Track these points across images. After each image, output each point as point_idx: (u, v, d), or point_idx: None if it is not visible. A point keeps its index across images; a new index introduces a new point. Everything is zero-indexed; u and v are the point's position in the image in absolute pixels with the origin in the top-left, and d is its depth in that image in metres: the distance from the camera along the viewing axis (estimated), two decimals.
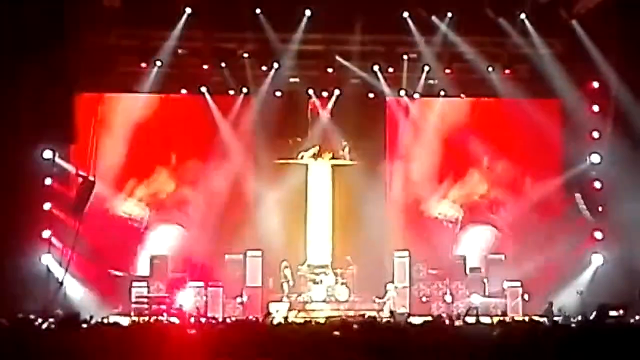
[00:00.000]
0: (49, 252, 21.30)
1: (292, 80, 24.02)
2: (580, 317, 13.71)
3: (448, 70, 23.59)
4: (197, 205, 23.69)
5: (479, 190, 24.36)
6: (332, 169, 24.26)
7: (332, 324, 13.63)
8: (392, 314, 16.77)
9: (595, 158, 23.06)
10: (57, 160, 21.79)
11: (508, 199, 24.20)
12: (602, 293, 19.60)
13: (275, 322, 15.54)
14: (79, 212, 21.31)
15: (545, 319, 17.49)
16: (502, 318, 15.92)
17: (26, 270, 20.71)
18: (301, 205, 24.12)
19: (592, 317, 11.29)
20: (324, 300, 22.49)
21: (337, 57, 23.24)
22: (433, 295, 22.87)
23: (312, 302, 22.42)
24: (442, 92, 24.12)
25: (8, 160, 20.70)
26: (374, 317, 17.12)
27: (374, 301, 22.41)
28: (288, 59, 23.01)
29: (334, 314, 19.17)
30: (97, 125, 22.82)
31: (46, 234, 21.38)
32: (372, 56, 23.43)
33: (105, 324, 14.90)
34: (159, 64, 22.75)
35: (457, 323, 13.94)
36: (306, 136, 24.09)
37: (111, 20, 22.07)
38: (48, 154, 21.58)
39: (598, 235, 22.83)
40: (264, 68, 23.33)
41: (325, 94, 24.16)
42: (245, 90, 23.89)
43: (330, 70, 23.43)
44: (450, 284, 22.91)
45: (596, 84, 22.98)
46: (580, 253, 22.96)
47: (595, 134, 23.14)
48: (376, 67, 23.49)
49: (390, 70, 23.59)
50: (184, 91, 23.74)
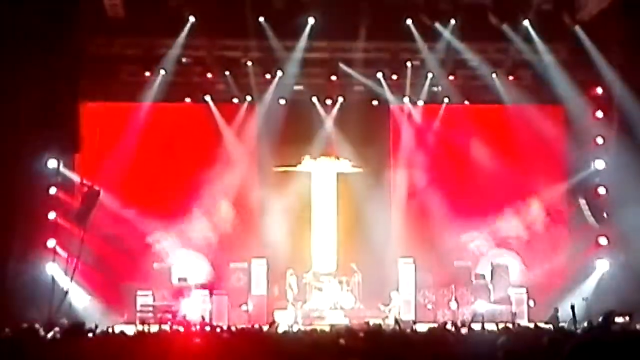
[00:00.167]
0: (54, 261, 21.30)
1: (296, 88, 24.06)
2: (586, 324, 13.66)
3: (452, 77, 23.60)
4: (201, 213, 23.66)
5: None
6: (337, 177, 24.29)
7: (338, 331, 13.62)
8: (397, 322, 16.67)
9: (600, 164, 23.04)
10: (62, 169, 21.80)
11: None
12: (608, 299, 19.53)
13: (280, 330, 15.51)
14: (84, 221, 21.33)
15: (551, 325, 17.49)
16: (507, 325, 15.83)
17: (31, 280, 20.70)
18: (306, 212, 24.15)
19: (599, 323, 11.23)
20: (329, 308, 22.48)
21: (341, 65, 23.26)
22: (438, 302, 22.85)
23: (317, 310, 22.40)
24: (446, 99, 24.14)
25: (13, 169, 20.70)
26: (379, 324, 17.10)
27: (379, 308, 22.42)
28: (292, 67, 23.04)
29: (339, 322, 19.15)
30: (101, 135, 22.86)
31: (51, 243, 21.38)
32: (375, 63, 23.46)
33: (111, 333, 14.89)
34: (162, 72, 22.79)
35: (462, 330, 13.87)
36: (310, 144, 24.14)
37: (115, 30, 22.14)
38: (53, 163, 21.60)
39: (603, 241, 22.79)
40: (268, 76, 23.36)
41: (329, 101, 24.19)
42: (249, 98, 23.96)
43: (334, 77, 23.45)
44: (456, 290, 22.88)
45: (600, 90, 22.96)
46: (586, 259, 22.94)
47: (600, 140, 23.12)
48: (380, 75, 23.52)
49: (394, 77, 23.62)
50: (188, 100, 23.80)
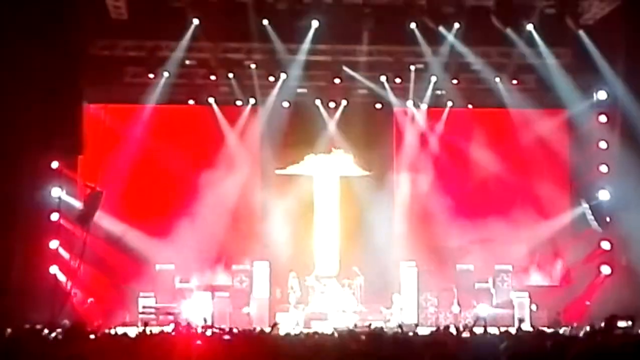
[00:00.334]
0: (57, 263, 21.31)
1: (299, 90, 24.06)
2: (588, 328, 13.66)
3: (455, 81, 23.57)
4: (204, 215, 23.65)
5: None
6: (340, 179, 24.29)
7: (340, 334, 13.62)
8: (399, 325, 16.68)
9: (603, 168, 23.01)
10: (64, 171, 21.84)
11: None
12: (610, 304, 19.50)
13: (282, 333, 15.51)
14: (87, 222, 21.35)
15: (553, 329, 17.47)
16: (509, 329, 15.82)
17: (34, 281, 20.71)
18: (308, 215, 24.14)
19: (601, 328, 11.23)
20: (331, 311, 22.45)
21: (345, 68, 23.26)
22: (440, 306, 22.82)
23: (319, 313, 22.38)
24: (450, 103, 24.13)
25: (15, 170, 20.72)
26: (382, 327, 17.08)
27: (381, 312, 22.40)
28: (295, 70, 23.04)
29: (341, 325, 19.13)
30: (104, 137, 22.88)
31: (54, 244, 21.39)
32: (379, 67, 23.45)
33: (113, 334, 14.92)
34: (166, 74, 22.80)
35: (464, 334, 13.86)
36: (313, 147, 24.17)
37: (118, 32, 22.21)
38: (55, 165, 21.61)
39: (606, 245, 22.76)
40: (272, 79, 23.37)
41: (332, 104, 24.19)
42: (252, 100, 23.95)
43: (337, 80, 23.44)
44: (458, 294, 22.85)
45: (603, 94, 22.95)
46: (588, 263, 22.91)
47: (603, 145, 23.10)
48: (383, 78, 23.51)
49: (398, 80, 23.59)
50: (191, 102, 23.79)
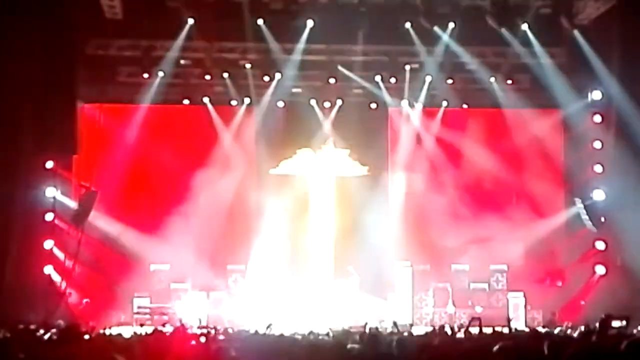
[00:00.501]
0: (51, 263, 21.28)
1: (294, 90, 24.06)
2: (583, 328, 13.67)
3: (450, 81, 23.57)
4: (198, 215, 23.63)
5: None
6: (335, 179, 24.28)
7: (335, 334, 13.63)
8: (394, 325, 16.66)
9: (598, 168, 23.04)
10: (59, 170, 21.81)
11: None
12: (605, 304, 19.53)
13: (277, 334, 15.48)
14: (81, 222, 21.33)
15: (548, 329, 17.49)
16: (504, 329, 15.83)
17: (28, 281, 20.68)
18: (303, 215, 24.12)
19: (595, 328, 11.24)
20: (327, 311, 22.42)
21: (340, 68, 23.25)
22: (435, 306, 22.81)
23: (314, 313, 22.35)
24: (444, 102, 24.14)
25: (10, 171, 20.70)
26: (377, 327, 17.07)
27: (376, 311, 22.37)
28: (290, 70, 23.03)
29: (336, 325, 19.11)
30: (99, 136, 22.85)
31: (48, 244, 21.36)
32: (374, 66, 23.45)
33: (107, 335, 14.90)
34: (161, 74, 22.78)
35: (459, 334, 13.87)
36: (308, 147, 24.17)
37: (113, 31, 22.18)
38: (50, 164, 21.58)
39: (600, 245, 22.79)
40: (267, 78, 23.35)
41: (327, 104, 24.19)
42: (247, 100, 23.93)
43: (332, 80, 23.41)
44: (453, 294, 22.85)
45: (598, 94, 22.97)
46: (583, 263, 22.93)
47: (597, 145, 23.12)
48: (378, 78, 23.51)
49: (393, 80, 23.59)
50: (186, 102, 23.76)
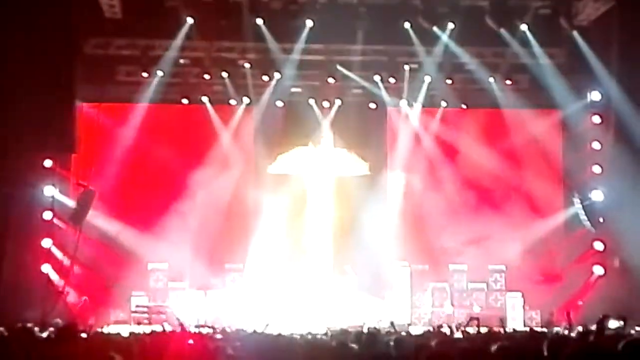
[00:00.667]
0: (49, 261, 21.28)
1: (293, 90, 24.06)
2: (581, 329, 13.69)
3: (449, 81, 23.57)
4: (196, 214, 23.63)
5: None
6: (333, 179, 24.28)
7: (333, 334, 13.63)
8: (392, 324, 16.67)
9: (596, 169, 23.04)
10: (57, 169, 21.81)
11: None
12: (603, 304, 19.54)
13: (275, 333, 15.47)
14: (79, 221, 21.32)
15: (546, 329, 17.50)
16: (502, 329, 15.85)
17: (26, 279, 20.67)
18: (302, 214, 24.12)
19: (594, 328, 11.26)
20: (325, 310, 22.43)
21: (339, 67, 23.24)
22: (434, 306, 22.83)
23: (312, 313, 22.36)
24: (443, 103, 24.14)
25: (9, 169, 20.68)
26: (375, 327, 17.08)
27: (374, 311, 22.37)
28: (289, 69, 23.02)
29: (334, 324, 19.11)
30: (97, 135, 22.85)
31: (46, 243, 21.35)
32: (373, 66, 23.43)
33: (105, 334, 14.90)
34: (160, 73, 22.76)
35: (457, 333, 13.90)
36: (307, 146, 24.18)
37: (112, 30, 22.16)
38: (48, 163, 21.57)
39: (599, 246, 22.79)
40: (266, 78, 23.34)
41: (326, 104, 24.19)
42: (246, 100, 23.93)
43: (331, 80, 23.41)
44: (451, 294, 22.87)
45: (597, 95, 22.97)
46: (581, 263, 22.94)
47: (596, 145, 23.13)
48: (377, 77, 23.50)
49: (392, 80, 23.58)
50: (185, 101, 23.75)
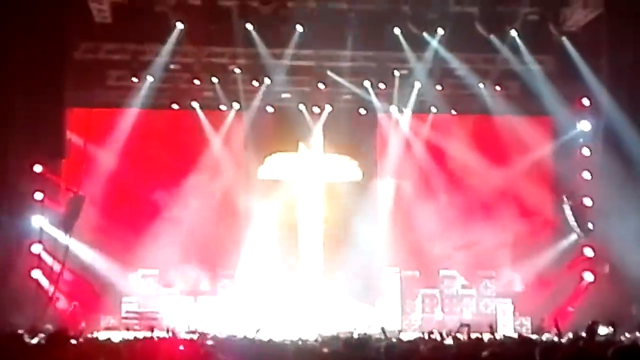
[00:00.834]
0: (39, 267, 21.20)
1: (283, 95, 24.06)
2: (571, 335, 13.69)
3: (439, 87, 23.60)
4: (187, 220, 23.60)
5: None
6: (324, 185, 24.27)
7: (324, 340, 13.61)
8: (383, 330, 16.64)
9: (586, 175, 23.09)
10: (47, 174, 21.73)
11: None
12: (592, 310, 19.57)
13: (265, 339, 15.44)
14: (69, 227, 21.26)
15: (536, 335, 17.49)
16: (493, 335, 15.85)
17: (15, 285, 20.58)
18: (292, 220, 24.10)
19: (584, 334, 11.25)
20: (315, 317, 22.40)
21: (329, 73, 23.23)
22: (424, 312, 22.83)
23: (303, 319, 22.33)
24: (433, 108, 24.16)
25: None
26: (365, 333, 17.05)
27: (364, 317, 22.36)
28: (279, 75, 23.01)
29: (324, 331, 19.09)
30: (87, 140, 22.77)
31: (36, 248, 21.27)
32: (363, 72, 23.43)
33: (95, 339, 14.82)
34: (150, 79, 22.73)
35: (448, 340, 13.87)
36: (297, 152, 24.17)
37: (102, 35, 22.11)
38: (38, 168, 21.49)
39: (588, 252, 22.83)
40: (256, 83, 23.31)
41: (316, 109, 24.19)
42: (236, 105, 23.91)
43: (321, 86, 23.42)
44: (442, 300, 22.88)
45: (586, 101, 23.03)
46: (571, 270, 22.98)
47: (586, 151, 23.19)
48: (367, 83, 23.51)
49: (382, 86, 23.58)
50: (175, 106, 23.73)
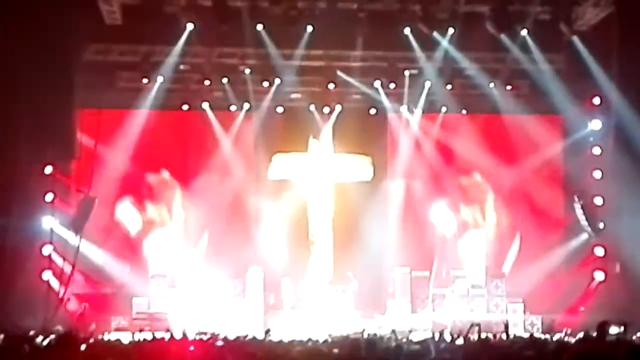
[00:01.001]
0: (50, 268, 21.25)
1: (293, 96, 24.07)
2: (582, 335, 13.66)
3: (449, 86, 23.57)
4: (198, 220, 23.63)
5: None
6: (334, 185, 24.24)
7: (334, 341, 13.61)
8: (393, 331, 16.62)
9: (597, 174, 23.03)
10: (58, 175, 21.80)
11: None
12: (603, 309, 19.52)
13: (275, 339, 15.45)
14: (79, 228, 21.29)
15: (547, 335, 17.47)
16: (503, 335, 15.82)
17: (26, 286, 20.63)
18: (302, 221, 24.08)
19: (594, 334, 11.24)
20: (326, 317, 22.38)
21: (339, 73, 23.24)
22: (435, 312, 22.78)
23: (312, 319, 22.31)
24: (444, 108, 24.12)
25: (9, 176, 20.65)
26: (375, 334, 17.03)
27: (375, 318, 22.34)
28: (290, 75, 23.02)
29: (335, 331, 19.07)
30: (98, 141, 22.82)
31: (47, 249, 21.32)
32: (373, 72, 23.45)
33: (106, 341, 14.88)
34: (160, 79, 22.76)
35: (458, 340, 13.84)
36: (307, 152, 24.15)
37: (112, 37, 22.18)
38: (49, 170, 21.55)
39: (599, 251, 22.76)
40: (266, 84, 23.32)
41: (326, 109, 24.17)
42: (246, 105, 23.91)
43: (331, 86, 23.40)
44: (452, 300, 22.82)
45: (597, 100, 22.97)
46: (582, 269, 22.91)
47: (597, 150, 23.12)
48: (377, 83, 23.48)
49: (392, 86, 23.57)
50: (185, 107, 23.75)
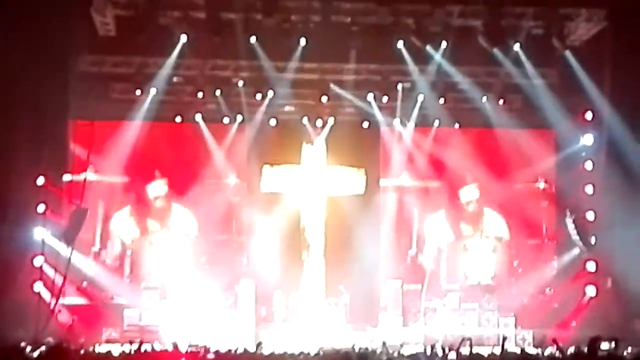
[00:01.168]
0: (41, 280, 21.19)
1: (286, 108, 24.09)
2: (573, 350, 13.66)
3: (442, 100, 23.60)
4: (189, 233, 23.63)
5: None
6: (326, 198, 24.24)
7: (325, 354, 13.59)
8: (384, 344, 16.61)
9: (589, 189, 23.07)
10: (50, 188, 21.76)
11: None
12: (595, 325, 19.53)
13: (266, 352, 15.42)
14: (71, 239, 21.24)
15: (539, 350, 17.45)
16: (495, 349, 15.83)
17: (17, 298, 20.57)
18: (295, 233, 24.06)
19: (586, 349, 11.24)
20: (317, 330, 22.36)
21: (332, 86, 23.25)
22: (426, 325, 22.76)
23: (304, 332, 22.29)
24: (436, 122, 24.16)
25: (1, 186, 20.61)
26: (367, 347, 17.02)
27: (366, 331, 22.32)
28: (283, 88, 23.03)
29: (326, 344, 19.04)
30: (91, 153, 22.80)
31: (38, 260, 21.26)
32: (366, 85, 23.47)
33: (97, 352, 14.83)
34: (154, 91, 22.75)
35: (450, 354, 13.83)
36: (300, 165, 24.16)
37: (106, 48, 22.19)
38: (41, 181, 21.51)
39: (591, 266, 22.76)
40: (259, 96, 23.32)
41: (319, 122, 24.19)
42: (239, 118, 23.91)
43: (324, 99, 23.39)
44: (444, 313, 22.81)
45: (589, 115, 23.04)
46: (573, 284, 22.93)
47: (589, 165, 23.18)
48: (370, 96, 23.51)
49: (385, 99, 23.59)
50: (178, 119, 23.74)
